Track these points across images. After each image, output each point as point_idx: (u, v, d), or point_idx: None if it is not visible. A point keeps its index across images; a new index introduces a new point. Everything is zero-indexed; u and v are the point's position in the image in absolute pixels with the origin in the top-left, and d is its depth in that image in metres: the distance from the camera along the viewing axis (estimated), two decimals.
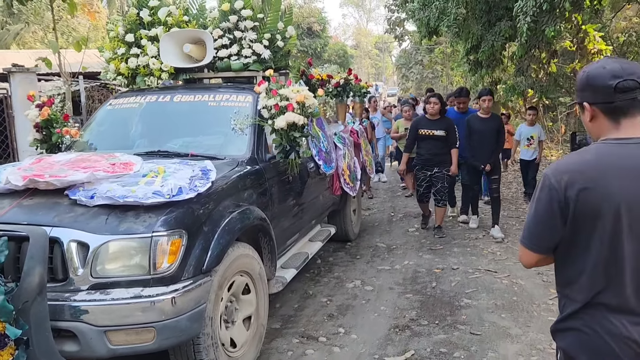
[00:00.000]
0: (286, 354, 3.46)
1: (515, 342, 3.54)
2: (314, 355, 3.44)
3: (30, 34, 21.05)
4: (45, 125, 3.97)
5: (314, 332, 3.76)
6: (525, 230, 1.65)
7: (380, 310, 4.13)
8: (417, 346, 3.51)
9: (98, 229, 2.54)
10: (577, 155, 1.59)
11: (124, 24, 4.37)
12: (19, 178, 2.72)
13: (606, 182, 1.48)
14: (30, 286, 2.31)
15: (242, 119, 3.77)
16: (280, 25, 4.34)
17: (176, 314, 2.52)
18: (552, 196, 1.54)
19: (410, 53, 27.76)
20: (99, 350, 2.46)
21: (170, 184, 2.71)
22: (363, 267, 5.24)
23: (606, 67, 1.54)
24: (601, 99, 1.55)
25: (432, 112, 6.07)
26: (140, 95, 4.23)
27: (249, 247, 3.24)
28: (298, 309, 4.21)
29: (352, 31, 59.95)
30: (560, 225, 1.54)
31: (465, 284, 4.65)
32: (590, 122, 1.61)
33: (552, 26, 6.30)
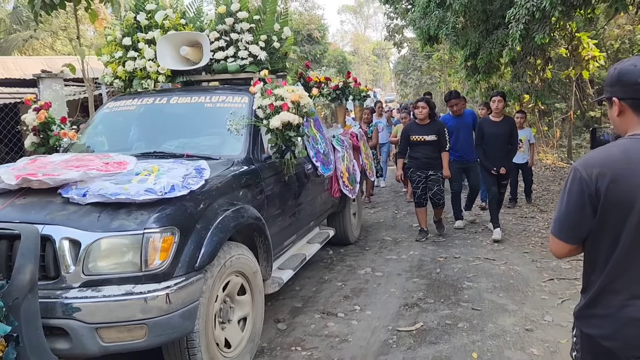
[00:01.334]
0: (310, 327, 3.90)
1: (511, 315, 3.95)
2: (335, 327, 3.87)
3: (40, 41, 21.24)
4: (42, 129, 3.99)
5: (333, 309, 4.19)
6: (556, 222, 1.71)
7: (390, 292, 4.56)
8: (425, 319, 3.94)
9: (90, 226, 2.54)
10: (604, 150, 1.66)
11: (121, 28, 4.40)
12: (12, 177, 2.73)
13: (634, 175, 1.54)
14: (21, 283, 2.31)
15: (237, 119, 3.78)
16: (276, 26, 4.36)
17: (168, 310, 2.51)
18: (583, 188, 1.60)
19: (409, 60, 27.85)
20: (91, 348, 2.45)
21: (162, 182, 2.72)
22: (372, 257, 5.67)
23: (637, 66, 1.60)
24: (630, 95, 1.62)
25: (421, 116, 6.03)
26: (138, 98, 4.25)
27: (244, 247, 3.23)
28: (316, 292, 4.63)
29: (350, 37, 60.24)
30: (590, 216, 1.61)
31: (466, 270, 5.06)
32: (618, 116, 1.68)
33: (542, 33, 6.62)
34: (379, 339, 3.66)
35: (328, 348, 3.55)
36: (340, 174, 5.31)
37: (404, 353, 3.43)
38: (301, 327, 3.89)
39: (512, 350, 3.41)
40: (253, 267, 3.29)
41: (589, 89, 12.90)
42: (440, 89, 23.67)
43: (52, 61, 11.29)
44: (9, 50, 19.60)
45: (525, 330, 3.69)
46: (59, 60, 11.75)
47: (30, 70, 9.15)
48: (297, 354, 3.47)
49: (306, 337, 3.73)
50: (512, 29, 6.63)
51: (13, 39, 20.32)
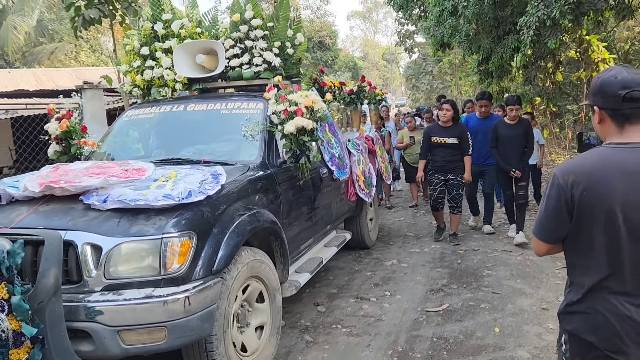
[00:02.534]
0: (346, 309, 4.35)
1: (528, 298, 4.38)
2: (369, 309, 4.32)
3: (66, 53, 21.77)
4: (64, 137, 4.10)
5: (365, 295, 4.65)
6: (537, 224, 1.84)
7: (416, 280, 5.01)
8: (450, 301, 4.40)
9: (110, 231, 2.61)
10: (582, 158, 1.76)
11: (139, 38, 4.50)
12: (35, 185, 2.83)
13: (607, 183, 1.63)
14: (46, 287, 2.40)
15: (253, 125, 3.84)
16: (289, 32, 4.42)
17: (187, 313, 2.57)
18: (559, 194, 1.71)
19: (420, 64, 27.80)
20: (113, 350, 2.51)
21: (180, 188, 2.78)
22: (397, 250, 6.11)
23: (617, 77, 1.69)
24: (610, 106, 1.71)
25: (445, 119, 6.03)
26: (155, 106, 4.34)
27: (260, 251, 3.28)
28: (348, 280, 5.09)
29: (360, 43, 60.19)
30: (567, 220, 1.71)
31: (485, 260, 5.49)
32: (598, 124, 1.78)
33: (553, 39, 6.95)
34: (409, 318, 4.10)
35: (365, 326, 3.99)
36: (356, 177, 5.35)
37: (434, 329, 3.88)
38: (339, 309, 4.34)
39: (530, 325, 3.83)
40: (270, 271, 3.34)
41: None
42: (452, 92, 23.78)
43: (80, 72, 11.75)
44: (35, 62, 20.13)
45: (542, 309, 4.09)
46: (85, 71, 12.19)
47: (60, 82, 9.54)
48: (338, 330, 3.93)
49: (344, 317, 4.17)
50: (524, 35, 6.91)
51: (39, 51, 20.87)
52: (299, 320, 4.14)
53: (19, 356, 2.25)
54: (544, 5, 6.65)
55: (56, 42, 21.71)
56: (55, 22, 21.99)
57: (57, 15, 21.72)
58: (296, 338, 3.83)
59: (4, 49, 19.43)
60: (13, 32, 19.43)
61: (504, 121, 6.06)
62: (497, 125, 6.07)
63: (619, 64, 11.08)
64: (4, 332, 2.23)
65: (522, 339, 3.64)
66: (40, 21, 21.68)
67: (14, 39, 19.43)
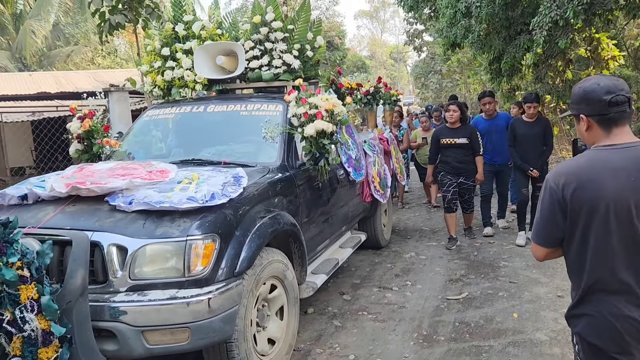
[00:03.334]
0: (370, 297, 4.58)
1: (544, 286, 4.61)
2: (392, 297, 4.56)
3: (82, 56, 22.11)
4: (86, 136, 4.16)
5: (388, 285, 4.89)
6: (533, 229, 1.90)
7: (435, 271, 5.25)
8: (470, 290, 4.64)
9: (136, 233, 2.65)
10: (573, 161, 1.84)
11: (160, 39, 4.55)
12: (62, 185, 2.88)
13: (598, 182, 1.70)
14: (73, 287, 2.45)
15: (272, 127, 3.87)
16: (309, 35, 4.44)
17: (210, 315, 2.61)
18: (552, 197, 1.78)
19: (428, 63, 27.71)
20: (137, 350, 2.56)
21: (203, 190, 2.82)
22: (414, 243, 6.34)
23: (600, 84, 1.76)
24: (596, 112, 1.77)
25: (452, 120, 6.00)
26: (176, 106, 4.39)
27: (280, 253, 3.32)
28: (370, 271, 5.33)
29: (367, 42, 59.99)
30: (561, 222, 1.77)
31: (501, 252, 5.72)
32: (586, 131, 1.84)
33: (564, 38, 7.09)
34: (431, 305, 4.34)
35: (390, 312, 4.23)
36: (372, 178, 5.36)
37: (455, 315, 4.12)
38: (363, 297, 4.58)
39: (546, 311, 4.07)
40: (288, 272, 3.37)
41: None
42: (460, 91, 23.82)
43: (97, 74, 12.05)
44: (52, 65, 20.48)
45: (557, 297, 4.33)
46: (102, 73, 12.48)
47: (79, 84, 9.76)
48: (365, 317, 4.17)
49: (369, 305, 4.41)
50: (536, 35, 7.03)
51: (55, 54, 21.21)
52: (327, 308, 4.37)
53: (48, 355, 2.30)
54: (556, 6, 6.77)
55: (72, 45, 22.04)
56: (71, 25, 22.35)
57: (73, 19, 22.07)
58: (325, 323, 4.07)
59: (22, 52, 19.79)
60: (31, 36, 19.79)
61: (522, 119, 5.99)
62: (514, 123, 6.02)
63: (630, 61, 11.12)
64: (34, 331, 2.28)
65: (539, 323, 3.87)
66: (56, 25, 22.03)
67: (32, 43, 19.81)
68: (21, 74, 13.36)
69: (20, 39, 20.04)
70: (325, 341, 3.76)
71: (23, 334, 2.27)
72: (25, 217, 2.78)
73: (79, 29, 21.89)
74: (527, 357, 3.42)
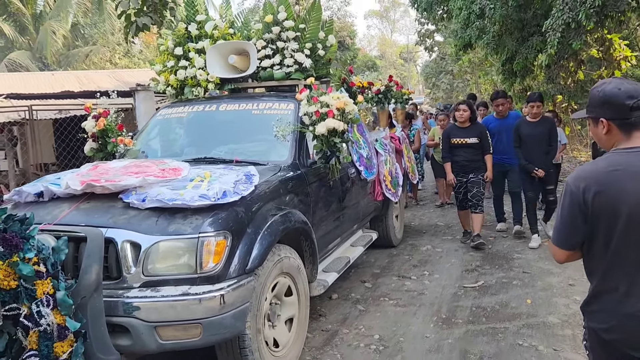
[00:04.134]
0: (390, 285, 4.86)
1: (556, 276, 4.82)
2: (411, 285, 4.84)
3: (100, 55, 22.48)
4: (101, 135, 4.21)
5: (406, 274, 5.16)
6: (554, 232, 1.90)
7: (451, 262, 5.51)
8: (485, 279, 4.91)
9: (149, 230, 2.69)
10: (592, 164, 1.85)
11: (173, 38, 4.59)
12: (77, 183, 2.93)
13: (618, 185, 1.71)
14: (88, 283, 2.48)
15: (284, 126, 3.89)
16: (321, 34, 4.45)
17: (221, 311, 2.64)
18: (572, 200, 1.79)
19: (438, 63, 27.61)
20: (150, 345, 2.60)
21: (215, 188, 2.85)
22: (430, 237, 6.61)
23: (621, 89, 1.77)
24: (618, 116, 1.78)
25: (462, 119, 5.97)
26: (188, 105, 4.43)
27: (291, 250, 3.33)
28: (389, 262, 5.60)
29: (377, 42, 59.78)
30: (582, 225, 1.78)
31: (514, 246, 5.98)
32: (605, 134, 1.84)
33: (577, 40, 7.34)
34: (449, 292, 4.62)
35: (410, 298, 4.50)
36: (383, 177, 5.36)
37: (472, 301, 4.39)
38: (384, 285, 4.86)
39: (558, 298, 4.30)
40: (299, 270, 3.39)
41: None
42: (471, 91, 23.77)
43: (117, 74, 12.35)
44: (71, 64, 20.90)
45: (569, 285, 4.54)
46: (121, 73, 12.82)
47: (100, 83, 10.02)
48: (386, 302, 4.45)
49: (390, 292, 4.69)
50: (549, 37, 7.25)
51: (74, 54, 21.62)
52: (350, 294, 4.66)
53: (63, 349, 2.34)
54: (569, 9, 6.96)
55: (90, 45, 22.42)
56: (89, 26, 22.79)
57: (92, 20, 22.45)
58: (350, 307, 4.35)
59: (43, 52, 20.17)
60: (52, 36, 20.17)
61: (526, 120, 5.96)
62: (519, 124, 5.96)
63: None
64: (50, 325, 2.32)
65: (552, 308, 4.11)
66: (74, 25, 22.45)
67: (52, 43, 20.19)
68: (44, 74, 13.67)
69: (41, 39, 20.53)
70: (351, 323, 4.03)
71: (39, 329, 2.30)
72: (41, 213, 2.83)
73: (97, 29, 22.27)
74: (540, 337, 3.64)
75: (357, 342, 3.71)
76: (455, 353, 3.50)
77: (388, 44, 58.66)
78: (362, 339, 3.75)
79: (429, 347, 3.60)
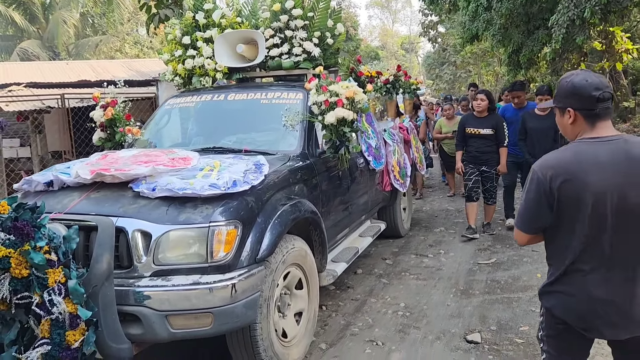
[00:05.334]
0: (410, 262, 5.28)
1: None
2: (429, 262, 5.25)
3: (110, 45, 22.57)
4: (109, 125, 4.20)
5: (423, 252, 5.58)
6: (518, 216, 2.01)
7: (464, 243, 5.83)
8: (497, 257, 5.30)
9: (159, 219, 2.68)
10: (559, 152, 1.92)
11: (180, 27, 4.56)
12: (87, 172, 2.92)
13: (584, 174, 1.80)
14: (99, 272, 2.49)
15: (293, 115, 3.86)
16: (329, 23, 4.42)
17: (232, 300, 2.63)
18: (539, 187, 1.87)
19: (440, 54, 27.52)
20: (161, 334, 2.59)
21: (225, 177, 2.83)
22: (442, 221, 7.00)
23: (588, 80, 1.86)
24: (585, 106, 1.87)
25: (479, 109, 5.91)
26: (196, 94, 4.41)
27: (301, 240, 3.32)
28: (406, 243, 6.01)
29: (378, 32, 59.40)
30: (546, 211, 1.87)
31: None
32: (571, 124, 1.93)
33: (582, 35, 7.62)
34: (465, 268, 5.01)
35: (429, 273, 4.90)
36: (391, 167, 5.34)
37: (486, 275, 4.78)
38: (403, 262, 5.27)
39: None
40: (309, 260, 3.38)
41: (623, 80, 12.97)
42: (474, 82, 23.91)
43: (129, 63, 12.60)
44: (80, 54, 20.99)
45: None
46: (133, 62, 13.11)
47: (115, 72, 10.18)
48: (407, 276, 4.85)
49: (410, 267, 5.09)
50: (555, 33, 7.59)
51: (83, 43, 21.74)
52: (373, 269, 5.06)
53: (75, 337, 2.34)
54: (574, 5, 7.25)
55: (100, 34, 22.50)
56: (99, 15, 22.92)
57: (102, 9, 22.54)
58: (375, 281, 4.76)
59: (54, 41, 20.25)
60: (63, 25, 20.22)
61: (534, 112, 5.89)
62: (525, 116, 5.90)
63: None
64: (61, 314, 2.32)
65: None
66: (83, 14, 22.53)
67: (63, 32, 20.25)
68: (58, 63, 13.81)
69: (51, 28, 20.68)
70: (377, 294, 4.43)
71: (51, 317, 2.31)
72: (52, 202, 2.82)
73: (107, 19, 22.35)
74: None
75: (385, 310, 4.09)
76: (474, 318, 3.88)
77: (389, 34, 58.31)
78: (389, 307, 4.14)
79: (451, 313, 3.99)
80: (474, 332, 3.62)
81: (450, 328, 3.72)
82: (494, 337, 3.57)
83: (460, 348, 3.44)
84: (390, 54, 55.29)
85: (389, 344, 3.53)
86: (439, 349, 3.43)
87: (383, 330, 3.73)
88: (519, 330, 3.66)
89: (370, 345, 3.52)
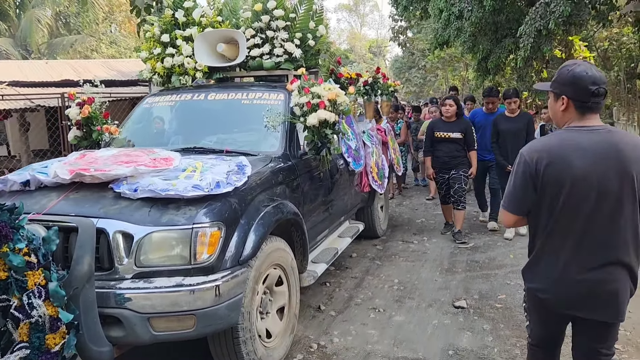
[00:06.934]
0: (397, 247, 5.94)
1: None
2: (415, 247, 5.95)
3: (86, 44, 22.12)
4: (85, 123, 4.12)
5: (409, 239, 6.26)
6: (505, 198, 2.12)
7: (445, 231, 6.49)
8: (474, 242, 6.06)
9: (141, 220, 2.64)
10: (547, 138, 2.05)
11: (159, 25, 4.50)
12: (65, 172, 2.86)
13: (568, 159, 1.91)
14: (80, 274, 2.44)
15: (274, 116, 3.85)
16: (311, 24, 4.42)
17: (216, 302, 2.62)
18: (525, 170, 1.99)
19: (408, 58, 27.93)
20: (143, 336, 2.56)
21: (208, 178, 2.81)
22: (422, 213, 7.75)
23: (588, 73, 1.94)
24: (579, 98, 1.96)
25: (448, 114, 5.98)
26: (175, 93, 4.35)
27: (282, 241, 3.32)
28: (391, 232, 6.66)
29: (347, 35, 59.65)
30: (532, 193, 1.99)
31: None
32: (562, 111, 2.02)
33: (548, 45, 8.31)
34: (447, 251, 5.73)
35: (416, 256, 5.60)
36: (370, 169, 5.38)
37: (466, 257, 5.53)
38: (392, 247, 5.93)
39: None
40: (291, 261, 3.39)
41: None
42: (441, 86, 25.49)
43: (109, 63, 12.71)
44: (53, 54, 20.51)
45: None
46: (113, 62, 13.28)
47: (96, 72, 10.23)
48: (397, 259, 5.52)
49: (398, 252, 5.76)
50: (523, 42, 8.16)
51: (57, 42, 21.23)
52: (366, 254, 5.68)
53: (55, 341, 2.30)
54: (540, 17, 7.80)
55: (74, 34, 22.01)
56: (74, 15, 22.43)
57: (77, 8, 22.09)
58: (369, 262, 5.39)
59: (27, 40, 19.74)
60: (37, 24, 19.72)
61: (504, 115, 6.02)
62: (496, 119, 6.01)
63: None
64: (41, 317, 2.27)
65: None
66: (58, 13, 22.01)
67: (37, 31, 19.80)
68: (37, 62, 13.60)
69: (24, 26, 20.15)
70: (373, 273, 5.07)
71: (30, 320, 2.26)
72: (29, 203, 2.75)
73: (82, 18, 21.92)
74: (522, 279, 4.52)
75: (381, 285, 4.72)
76: (459, 290, 4.57)
77: (357, 37, 58.53)
78: (385, 283, 4.77)
79: (439, 286, 4.66)
80: (460, 300, 4.28)
81: (440, 297, 4.38)
82: (477, 304, 4.23)
83: (449, 312, 4.09)
84: (358, 57, 55.56)
85: (389, 310, 4.14)
86: (432, 313, 4.07)
87: (382, 301, 4.34)
88: (497, 298, 4.34)
89: (374, 311, 4.13)
